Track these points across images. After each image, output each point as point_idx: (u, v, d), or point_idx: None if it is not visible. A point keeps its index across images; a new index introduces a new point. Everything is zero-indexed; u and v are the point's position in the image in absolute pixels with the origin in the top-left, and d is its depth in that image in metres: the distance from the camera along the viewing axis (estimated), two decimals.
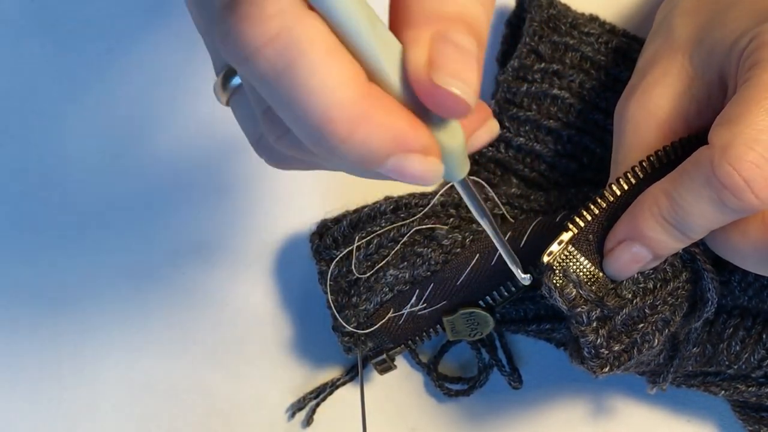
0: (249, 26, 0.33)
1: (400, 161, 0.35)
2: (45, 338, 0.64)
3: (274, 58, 0.33)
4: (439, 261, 0.57)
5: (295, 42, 0.33)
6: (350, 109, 0.34)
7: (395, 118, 0.35)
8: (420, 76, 0.35)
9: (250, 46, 0.34)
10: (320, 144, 0.35)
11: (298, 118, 0.35)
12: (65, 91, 0.66)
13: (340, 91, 0.34)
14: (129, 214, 0.65)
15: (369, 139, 0.34)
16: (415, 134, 0.35)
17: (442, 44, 0.35)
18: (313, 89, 0.34)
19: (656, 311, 0.52)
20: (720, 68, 0.50)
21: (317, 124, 0.34)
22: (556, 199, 0.59)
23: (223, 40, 0.34)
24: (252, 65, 0.34)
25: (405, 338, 0.58)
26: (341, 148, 0.35)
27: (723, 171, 0.45)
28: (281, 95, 0.34)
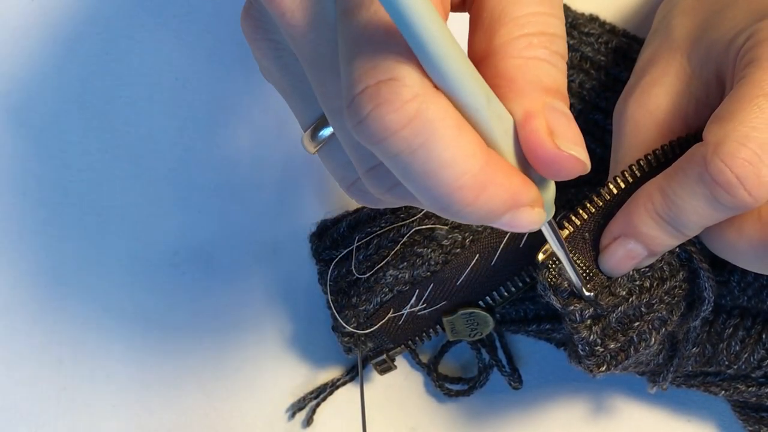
0: (388, 112, 0.35)
1: (514, 216, 0.38)
2: (45, 338, 0.64)
3: (411, 138, 0.36)
4: (439, 261, 0.57)
5: (430, 122, 0.36)
6: (478, 176, 0.36)
7: (512, 179, 0.38)
8: (548, 145, 0.38)
9: (389, 130, 0.36)
10: (446, 208, 0.37)
11: (428, 188, 0.37)
12: (65, 91, 0.66)
13: (470, 162, 0.36)
14: (129, 215, 0.65)
15: (491, 201, 0.37)
16: (528, 191, 0.38)
17: (554, 114, 0.38)
18: (446, 162, 0.36)
19: (652, 310, 0.52)
20: (717, 67, 0.50)
21: (447, 193, 0.37)
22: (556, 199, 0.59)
23: (358, 124, 0.36)
24: (388, 145, 0.36)
25: (405, 338, 0.58)
26: (465, 210, 0.37)
27: (715, 168, 0.45)
28: (414, 169, 0.37)
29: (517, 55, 0.39)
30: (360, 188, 0.44)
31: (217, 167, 0.65)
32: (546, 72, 0.39)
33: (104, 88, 0.66)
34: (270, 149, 0.65)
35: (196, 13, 0.66)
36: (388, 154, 0.36)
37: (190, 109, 0.65)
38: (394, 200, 0.42)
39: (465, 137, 0.36)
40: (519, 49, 0.39)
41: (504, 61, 0.39)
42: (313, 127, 0.44)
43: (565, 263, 0.49)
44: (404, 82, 0.35)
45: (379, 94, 0.36)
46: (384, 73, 0.36)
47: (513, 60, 0.39)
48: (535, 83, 0.38)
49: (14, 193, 0.65)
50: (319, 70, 0.40)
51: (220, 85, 0.65)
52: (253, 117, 0.65)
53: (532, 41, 0.39)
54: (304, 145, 0.45)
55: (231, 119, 0.65)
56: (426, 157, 0.36)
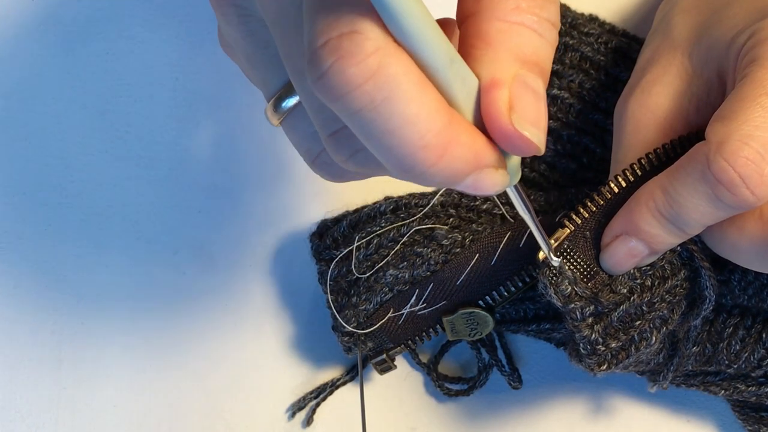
0: (349, 65, 0.35)
1: (477, 177, 0.38)
2: (45, 338, 0.64)
3: (373, 93, 0.35)
4: (439, 261, 0.57)
5: (392, 76, 0.35)
6: (440, 135, 0.36)
7: (476, 139, 0.37)
8: (502, 119, 0.37)
9: (352, 83, 0.35)
10: (409, 169, 0.37)
11: (391, 147, 0.36)
12: (65, 91, 0.66)
13: (434, 119, 0.36)
14: (129, 215, 0.65)
15: (455, 161, 0.36)
16: (490, 152, 0.38)
17: (521, 88, 0.37)
18: (409, 119, 0.35)
19: (654, 309, 0.52)
20: (719, 66, 0.50)
21: (411, 151, 0.36)
22: (556, 199, 0.59)
23: (319, 78, 0.36)
24: (350, 100, 0.35)
25: (405, 338, 0.58)
26: (429, 171, 0.36)
27: (718, 166, 0.45)
28: (376, 126, 0.36)
29: (501, 17, 0.38)
30: (324, 160, 0.43)
31: (217, 167, 0.65)
32: (528, 41, 0.38)
33: (104, 88, 0.66)
34: (270, 149, 0.65)
35: (196, 13, 0.66)
36: (350, 110, 0.36)
37: (190, 109, 0.65)
38: (358, 168, 0.41)
39: (428, 94, 0.36)
40: (505, 11, 0.38)
41: (487, 22, 0.38)
42: (277, 96, 0.44)
43: (532, 228, 0.47)
44: (366, 35, 0.35)
45: (340, 46, 0.35)
46: (346, 26, 0.35)
47: (496, 22, 0.38)
48: (512, 51, 0.38)
49: (14, 193, 0.65)
50: (284, 29, 0.39)
51: (220, 85, 0.65)
52: (253, 117, 0.65)
53: (520, 4, 0.38)
54: (267, 116, 0.44)
55: (231, 119, 0.65)
56: (389, 113, 0.35)
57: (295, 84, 0.40)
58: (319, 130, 0.41)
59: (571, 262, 0.51)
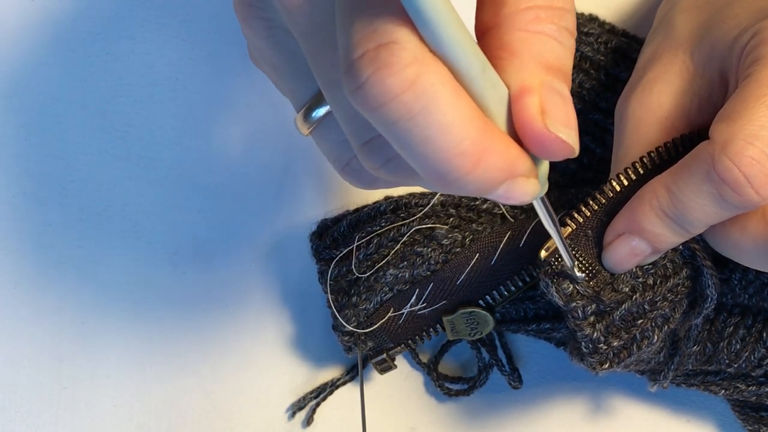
0: (388, 75, 0.35)
1: (510, 186, 0.38)
2: (45, 338, 0.64)
3: (411, 103, 0.35)
4: (439, 260, 0.57)
5: (430, 86, 0.35)
6: (477, 143, 0.36)
7: (510, 148, 0.37)
8: (537, 123, 0.37)
9: (390, 93, 0.35)
10: (444, 176, 0.37)
11: (427, 155, 0.36)
12: (65, 91, 0.66)
13: (469, 128, 0.36)
14: (129, 215, 0.65)
15: (490, 169, 0.37)
16: (524, 161, 0.38)
17: (551, 94, 0.38)
18: (446, 127, 0.36)
19: (655, 307, 0.52)
20: (721, 65, 0.50)
21: (447, 159, 0.36)
22: (556, 199, 0.59)
23: (357, 89, 0.36)
24: (388, 110, 0.36)
25: (405, 338, 0.58)
26: (464, 178, 0.37)
27: (723, 166, 0.45)
28: (413, 135, 0.36)
29: (522, 28, 0.38)
30: (354, 168, 0.44)
31: (217, 167, 0.65)
32: (550, 48, 0.38)
33: (104, 88, 0.66)
34: (270, 149, 0.65)
35: (196, 13, 0.66)
36: (388, 120, 0.36)
37: (190, 109, 0.65)
38: (389, 176, 0.41)
39: (464, 103, 0.36)
40: (525, 22, 0.38)
41: (509, 33, 0.39)
42: (307, 107, 0.44)
43: (557, 241, 0.48)
44: (404, 46, 0.35)
45: (378, 57, 0.35)
46: (383, 37, 0.35)
47: (518, 33, 0.38)
48: (536, 59, 0.38)
49: (14, 193, 0.65)
50: (314, 41, 0.40)
51: (220, 85, 0.65)
52: (253, 117, 0.65)
53: (539, 15, 0.39)
54: (297, 126, 0.45)
55: (231, 119, 0.65)
56: (426, 123, 0.35)
57: (326, 94, 0.41)
58: (351, 140, 0.41)
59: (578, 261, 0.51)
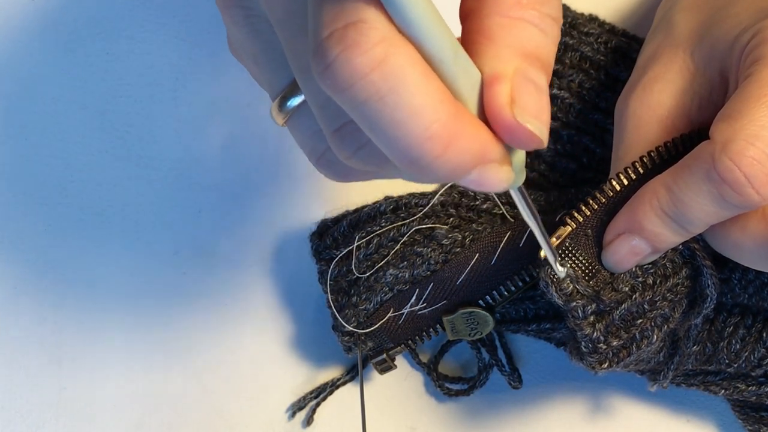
0: (355, 55, 0.35)
1: (482, 172, 0.37)
2: (45, 338, 0.64)
3: (379, 83, 0.35)
4: (439, 260, 0.57)
5: (398, 66, 0.35)
6: (448, 126, 0.36)
7: (480, 132, 0.37)
8: (504, 113, 0.37)
9: (358, 73, 0.35)
10: (415, 161, 0.36)
11: (397, 138, 0.36)
12: (65, 91, 0.66)
13: (439, 110, 0.35)
14: (129, 215, 0.65)
15: (461, 153, 0.36)
16: (495, 146, 0.37)
17: (523, 82, 0.37)
18: (415, 109, 0.35)
19: (655, 307, 0.52)
20: (721, 64, 0.50)
21: (417, 142, 0.36)
22: (556, 199, 0.59)
23: (325, 69, 0.35)
24: (356, 90, 0.35)
25: (405, 338, 0.58)
26: (435, 163, 0.36)
27: (723, 166, 0.45)
28: (382, 117, 0.36)
29: (503, 13, 0.38)
30: (329, 159, 0.43)
31: (217, 167, 0.65)
32: (530, 36, 0.38)
33: (104, 88, 0.66)
34: (270, 149, 0.65)
35: (196, 13, 0.66)
36: (356, 100, 0.36)
37: (190, 109, 0.65)
38: (362, 165, 0.40)
39: (433, 85, 0.35)
40: (507, 6, 0.38)
41: (488, 18, 0.38)
42: (281, 96, 0.44)
43: (537, 233, 0.47)
44: (372, 25, 0.35)
45: (346, 36, 0.35)
46: (351, 16, 0.35)
47: (498, 18, 0.38)
48: (513, 46, 0.38)
49: (14, 193, 0.65)
50: (290, 28, 0.39)
51: (220, 85, 0.65)
52: (253, 117, 0.65)
53: (521, 0, 0.38)
54: (272, 116, 0.44)
55: (231, 119, 0.65)
56: (395, 104, 0.35)
57: (300, 81, 0.40)
58: (323, 127, 0.40)
59: (573, 260, 0.51)
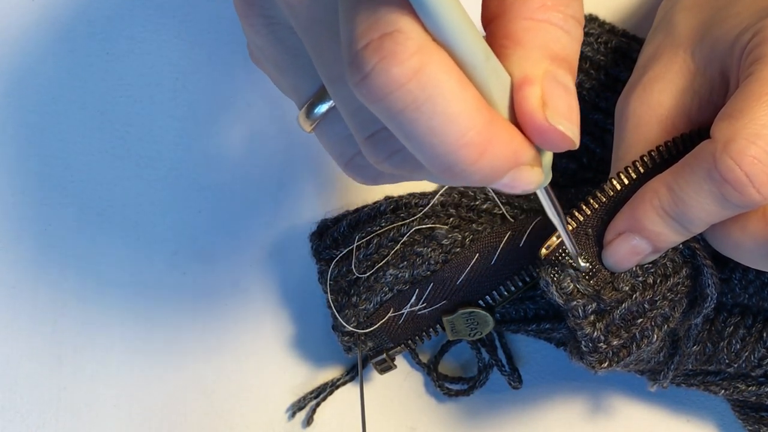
0: (393, 65, 0.35)
1: (515, 174, 0.38)
2: (45, 338, 0.64)
3: (416, 92, 0.35)
4: (439, 260, 0.57)
5: (435, 75, 0.35)
6: (483, 132, 0.36)
7: (514, 137, 0.37)
8: (537, 115, 0.37)
9: (395, 83, 0.35)
10: (450, 167, 0.37)
11: (433, 145, 0.36)
12: (65, 91, 0.66)
13: (475, 117, 0.36)
14: (129, 215, 0.65)
15: (495, 158, 0.37)
16: (528, 149, 0.38)
17: (554, 85, 0.38)
18: (451, 117, 0.35)
19: (655, 306, 0.52)
20: (722, 64, 0.50)
21: (453, 149, 0.36)
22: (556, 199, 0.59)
23: (362, 80, 0.36)
24: (394, 100, 0.35)
25: (405, 338, 0.58)
26: (470, 169, 0.37)
27: (725, 165, 0.45)
28: (419, 125, 0.36)
29: (528, 16, 0.38)
30: (358, 163, 0.44)
31: (217, 167, 0.65)
32: (556, 38, 0.38)
33: (104, 88, 0.66)
34: (270, 149, 0.65)
35: (196, 13, 0.66)
36: (393, 110, 0.36)
37: (190, 109, 0.65)
38: (394, 170, 0.41)
39: (469, 92, 0.36)
40: (531, 10, 0.38)
41: (514, 21, 0.38)
42: (309, 103, 0.44)
43: (561, 231, 0.48)
44: (408, 35, 0.35)
45: (382, 47, 0.35)
46: (387, 26, 0.35)
47: (523, 21, 0.38)
48: (541, 48, 0.38)
49: (14, 193, 0.65)
50: (317, 36, 0.40)
51: (220, 85, 0.65)
52: (253, 117, 0.65)
53: (546, 2, 0.38)
54: (299, 124, 0.44)
55: (231, 119, 0.65)
56: (431, 112, 0.35)
57: (330, 89, 0.40)
58: (355, 134, 0.41)
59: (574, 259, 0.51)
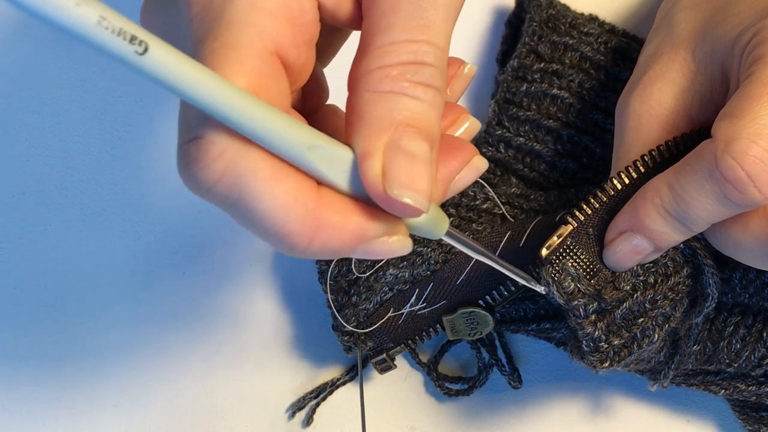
0: (199, 169, 0.37)
1: (366, 249, 0.39)
2: (45, 338, 0.64)
3: (226, 192, 0.37)
4: (439, 260, 0.57)
5: (240, 176, 0.36)
6: (302, 223, 0.37)
7: (350, 218, 0.38)
8: (376, 188, 0.38)
9: (204, 186, 0.37)
10: (288, 251, 0.38)
11: (262, 234, 0.38)
12: (65, 91, 0.66)
13: (289, 211, 0.37)
14: (129, 215, 0.65)
15: (329, 242, 0.38)
16: (372, 225, 0.39)
17: (394, 154, 0.38)
18: (264, 213, 0.37)
19: (656, 306, 0.52)
20: (722, 63, 0.50)
21: (278, 238, 0.37)
22: (556, 199, 0.59)
23: (182, 177, 0.38)
24: (211, 197, 0.37)
25: (405, 338, 0.58)
26: (307, 251, 0.38)
27: (726, 165, 0.45)
28: (242, 218, 0.38)
29: (370, 88, 0.38)
30: None
31: None
32: (401, 106, 0.38)
33: (104, 88, 0.66)
34: None
35: None
36: (215, 204, 0.37)
37: None
38: None
39: (281, 186, 0.37)
40: (374, 82, 0.38)
41: (357, 95, 0.39)
42: None
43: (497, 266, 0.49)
44: (210, 140, 0.36)
45: (189, 152, 0.37)
46: (191, 132, 0.37)
47: (365, 94, 0.38)
48: (382, 119, 0.38)
49: (14, 193, 0.65)
50: None
51: None
52: None
53: (390, 73, 0.38)
54: None
55: None
56: (245, 209, 0.37)
57: None
58: None
59: (574, 258, 0.51)
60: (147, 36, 0.33)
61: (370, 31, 0.39)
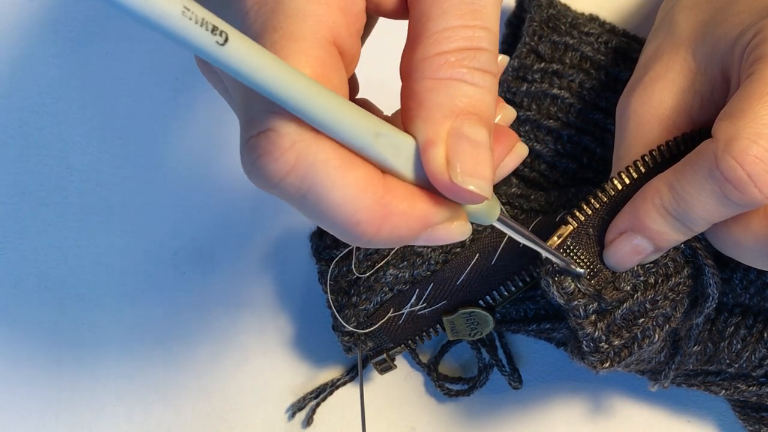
0: (269, 161, 0.36)
1: (431, 235, 0.39)
2: (45, 338, 0.64)
3: (297, 184, 0.37)
4: (439, 260, 0.57)
5: (311, 166, 0.36)
6: (372, 211, 0.37)
7: (416, 204, 0.38)
8: (441, 177, 0.38)
9: (274, 179, 0.37)
10: (356, 240, 0.38)
11: (331, 225, 0.38)
12: (65, 91, 0.66)
13: (359, 199, 0.37)
14: (129, 215, 0.65)
15: (397, 229, 0.38)
16: (437, 211, 0.39)
17: (457, 142, 0.38)
18: (335, 202, 0.37)
19: (657, 306, 0.52)
20: (723, 63, 0.50)
21: (347, 228, 0.37)
22: (556, 199, 0.59)
23: (249, 171, 0.37)
24: (280, 190, 0.37)
25: (405, 338, 0.58)
26: (374, 240, 0.38)
27: (726, 165, 0.45)
28: (311, 210, 0.37)
29: (429, 75, 0.38)
30: None
31: (217, 167, 0.65)
32: (461, 92, 0.38)
33: (104, 88, 0.66)
34: None
35: None
36: (284, 197, 0.37)
37: (189, 109, 0.65)
38: None
39: (352, 174, 0.37)
40: (433, 69, 0.38)
41: (416, 82, 0.39)
42: None
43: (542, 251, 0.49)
44: (280, 132, 0.36)
45: (258, 145, 0.37)
46: (261, 125, 0.36)
47: (424, 81, 0.39)
48: (443, 107, 0.38)
49: (14, 193, 0.65)
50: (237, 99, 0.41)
51: None
52: None
53: (448, 59, 0.38)
54: None
55: (231, 119, 0.65)
56: (316, 199, 0.37)
57: None
58: None
59: (574, 259, 0.51)
60: (226, 27, 0.33)
61: (421, 18, 0.39)
